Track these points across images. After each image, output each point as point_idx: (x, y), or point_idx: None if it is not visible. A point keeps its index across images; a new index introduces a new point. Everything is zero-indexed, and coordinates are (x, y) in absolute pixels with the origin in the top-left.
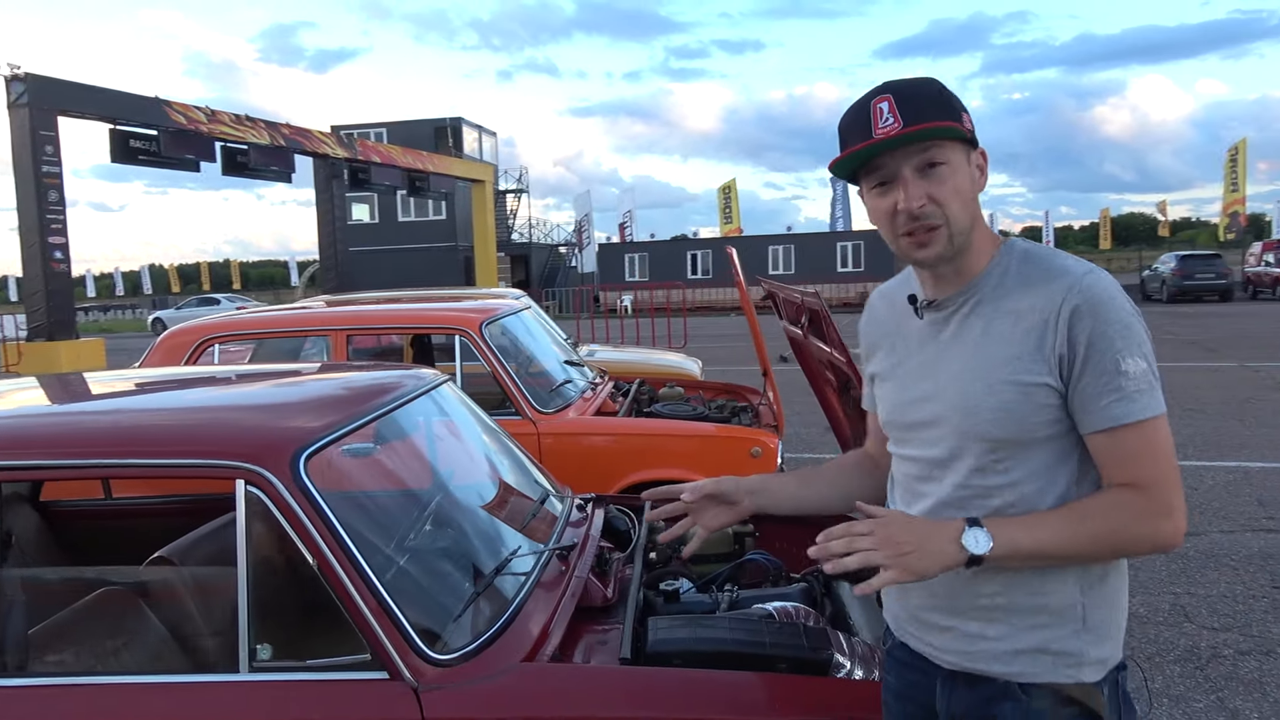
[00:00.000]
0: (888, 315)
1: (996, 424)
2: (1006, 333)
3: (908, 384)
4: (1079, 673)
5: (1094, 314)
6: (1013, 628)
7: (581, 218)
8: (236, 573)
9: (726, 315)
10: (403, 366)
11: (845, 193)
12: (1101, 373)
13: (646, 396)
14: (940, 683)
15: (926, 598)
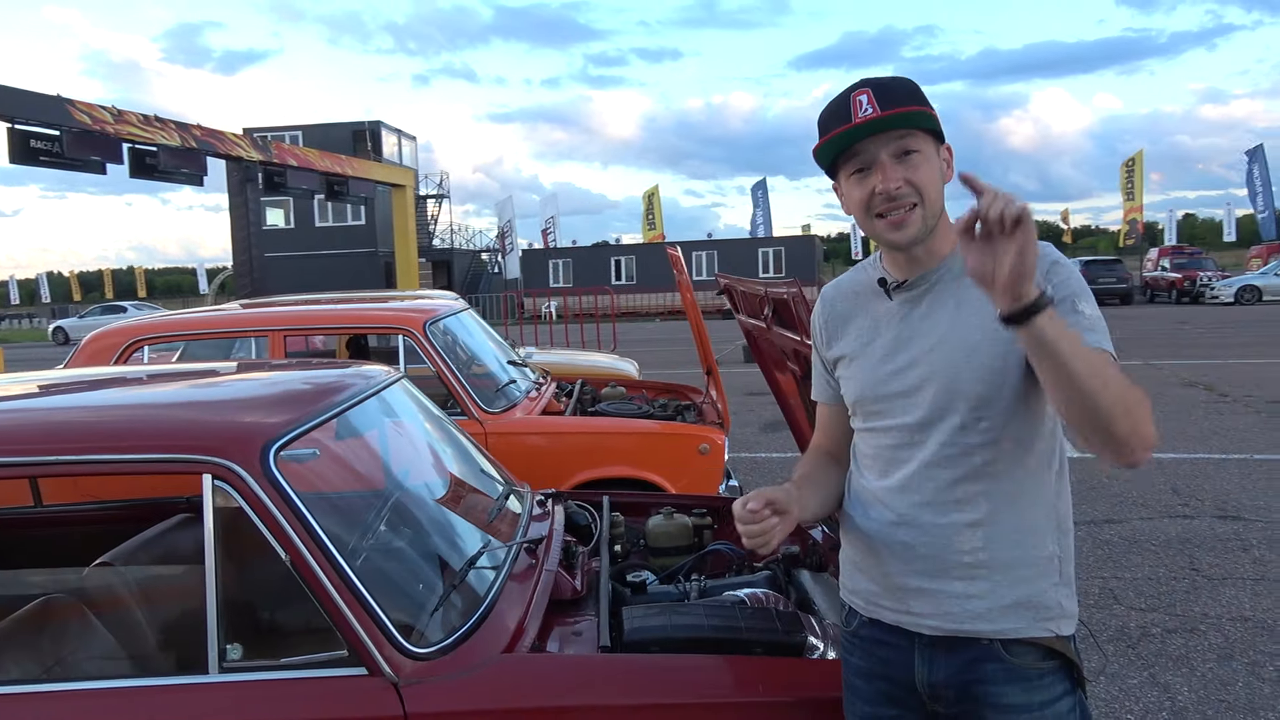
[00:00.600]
0: (848, 303)
1: (980, 381)
2: (980, 299)
3: (883, 358)
4: (1056, 626)
5: (1059, 270)
6: (995, 584)
7: (504, 224)
8: (205, 570)
9: (652, 320)
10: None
11: (766, 200)
12: (1065, 312)
13: (589, 397)
14: (919, 653)
15: (905, 563)
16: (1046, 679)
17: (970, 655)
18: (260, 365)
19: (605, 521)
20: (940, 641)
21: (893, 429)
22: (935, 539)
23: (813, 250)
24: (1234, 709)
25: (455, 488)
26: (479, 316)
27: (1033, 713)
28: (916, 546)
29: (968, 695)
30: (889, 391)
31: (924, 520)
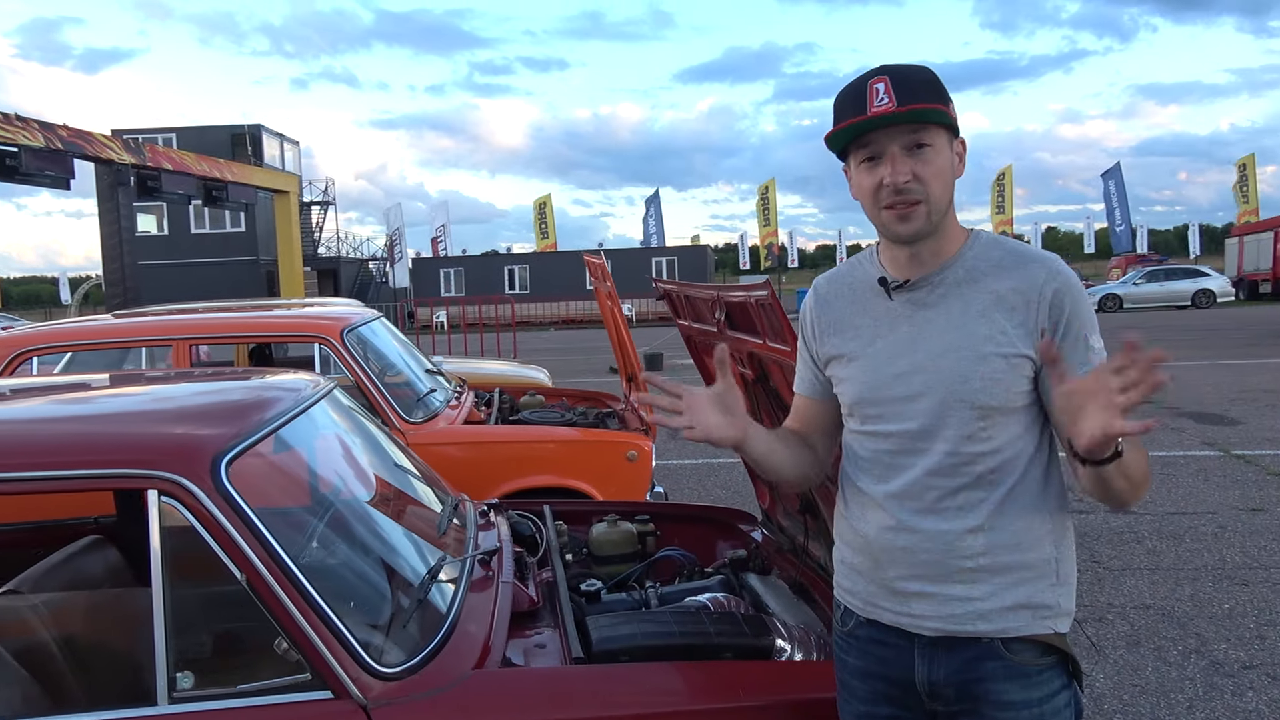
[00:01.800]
0: (843, 299)
1: (985, 392)
2: (989, 310)
3: (885, 361)
4: (1055, 624)
5: (1072, 296)
6: (996, 586)
7: (393, 232)
8: (151, 593)
9: (546, 330)
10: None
11: (659, 210)
12: (1076, 347)
13: (508, 405)
14: (918, 653)
15: (906, 568)
16: (1045, 674)
17: (970, 654)
18: (187, 375)
19: (551, 530)
20: (940, 641)
21: (893, 434)
22: (937, 544)
23: (705, 260)
24: (1146, 692)
25: (401, 499)
26: (391, 325)
27: (1032, 708)
28: (918, 552)
29: (968, 694)
30: (890, 396)
31: (925, 526)
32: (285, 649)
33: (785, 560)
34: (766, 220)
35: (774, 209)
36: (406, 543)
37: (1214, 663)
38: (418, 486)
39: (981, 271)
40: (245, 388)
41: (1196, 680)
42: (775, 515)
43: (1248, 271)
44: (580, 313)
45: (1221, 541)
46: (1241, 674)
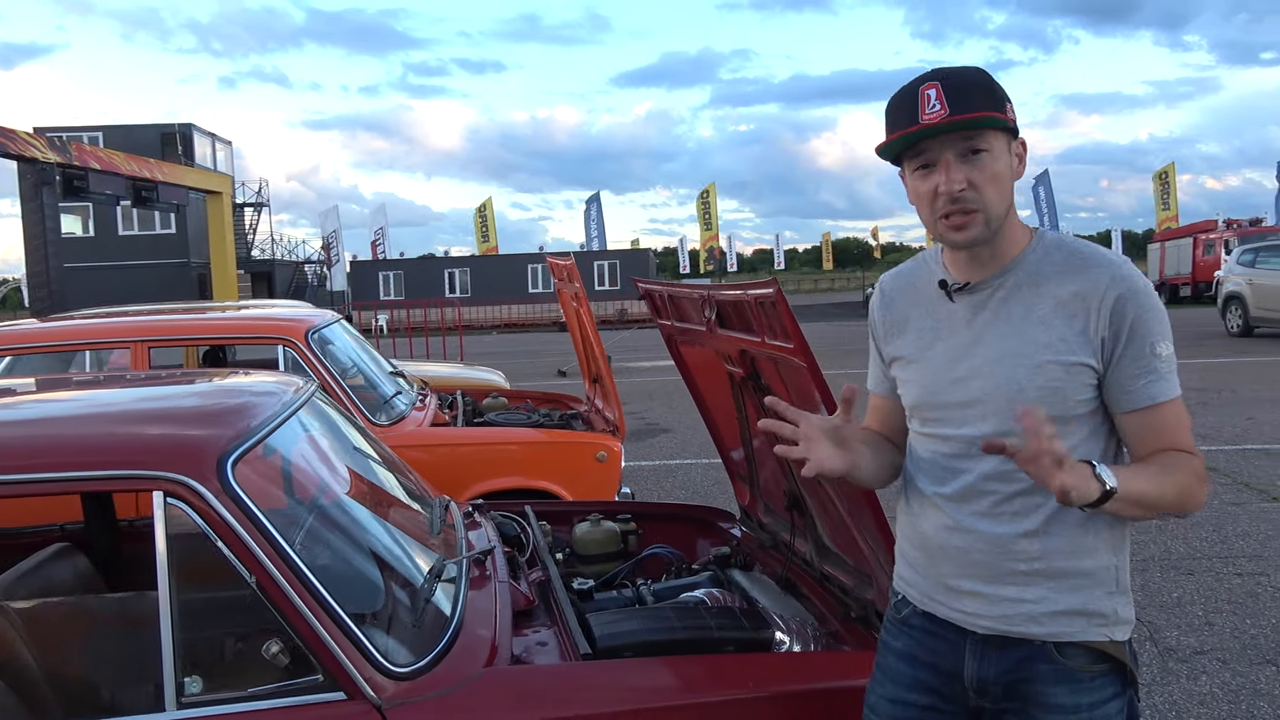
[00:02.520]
0: (907, 299)
1: (1043, 401)
2: (1049, 316)
3: (944, 365)
4: (1111, 631)
5: (1136, 302)
6: (1051, 590)
7: (329, 234)
8: (158, 597)
9: (488, 333)
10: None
11: (600, 213)
12: (1139, 355)
13: (470, 408)
14: (970, 648)
15: (961, 567)
16: (1097, 681)
17: (1021, 654)
18: (172, 377)
19: (538, 530)
20: (992, 640)
21: (951, 438)
22: (992, 547)
23: (646, 263)
24: None
25: (393, 500)
26: (350, 327)
27: (1080, 714)
28: (972, 553)
29: (1015, 693)
30: (949, 400)
31: (981, 529)
32: (275, 652)
33: (769, 556)
34: (708, 224)
35: (715, 213)
36: (405, 543)
37: (1168, 649)
38: (406, 487)
39: (1044, 275)
40: (236, 388)
41: (1153, 666)
42: (755, 512)
43: (1169, 275)
44: (523, 316)
45: (1165, 534)
46: (1194, 659)
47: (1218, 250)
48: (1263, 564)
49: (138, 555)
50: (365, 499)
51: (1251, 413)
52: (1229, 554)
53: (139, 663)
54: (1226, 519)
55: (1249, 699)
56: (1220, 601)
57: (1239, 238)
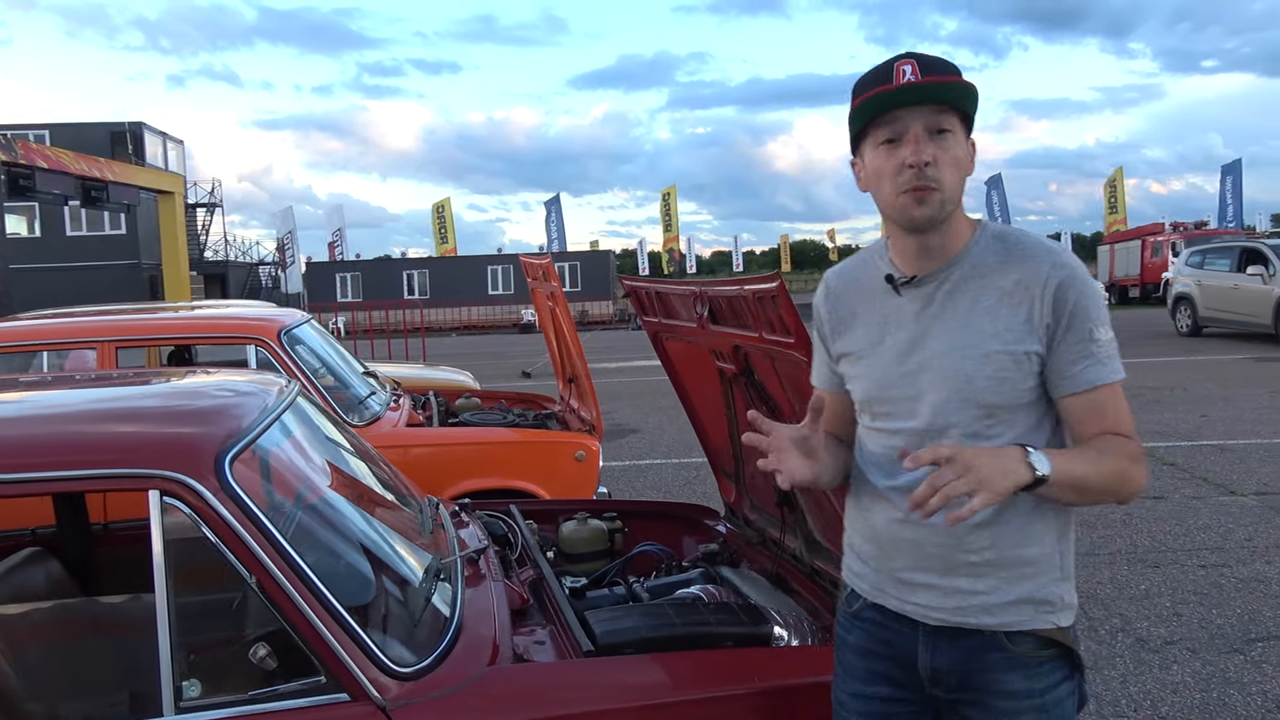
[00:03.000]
0: (853, 294)
1: (991, 390)
2: (995, 307)
3: (893, 360)
4: (1057, 618)
5: (1076, 288)
6: (1001, 580)
7: (284, 235)
8: (155, 599)
9: (448, 335)
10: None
11: (560, 215)
12: (1079, 340)
13: (443, 408)
14: (922, 639)
15: (914, 559)
16: (1046, 666)
17: (974, 645)
18: (157, 375)
19: (526, 529)
20: (944, 631)
21: (902, 431)
22: (944, 539)
23: (607, 265)
24: None
25: (383, 498)
26: (320, 327)
27: (1034, 699)
28: (925, 545)
29: (969, 683)
30: (900, 394)
31: (933, 521)
32: (262, 656)
33: (756, 553)
34: (668, 226)
35: (675, 215)
36: (401, 542)
37: (1139, 640)
38: (393, 486)
39: (988, 266)
40: (222, 386)
41: (1126, 656)
42: (741, 509)
43: (1119, 277)
44: (482, 318)
45: (1130, 528)
46: (1165, 649)
47: (1165, 252)
48: (1224, 556)
49: (112, 559)
50: (357, 498)
51: (1204, 410)
52: (1192, 546)
53: (130, 668)
54: (1188, 513)
55: (1219, 687)
56: (1186, 593)
57: (1185, 240)
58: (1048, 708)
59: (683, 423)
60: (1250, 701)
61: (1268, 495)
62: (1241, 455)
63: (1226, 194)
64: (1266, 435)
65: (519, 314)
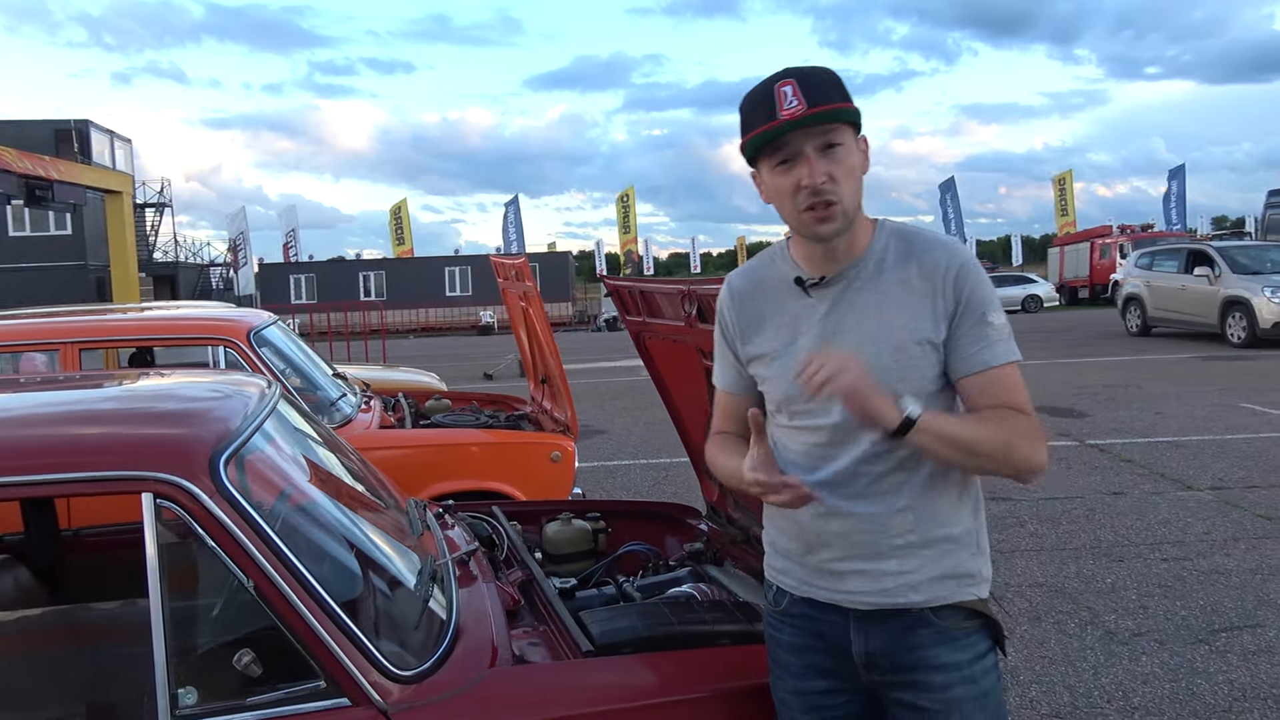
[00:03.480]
0: (758, 297)
1: (901, 380)
2: (902, 300)
3: (807, 359)
4: (977, 589)
5: (971, 276)
6: (925, 559)
7: (236, 236)
8: (149, 605)
9: (405, 337)
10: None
11: (518, 217)
12: (974, 324)
13: (414, 410)
14: (854, 626)
15: (843, 550)
16: (972, 638)
17: (903, 624)
18: (138, 375)
19: (512, 531)
20: (874, 615)
21: (822, 428)
22: (871, 526)
23: (566, 266)
24: (1055, 663)
25: (370, 500)
26: (287, 328)
27: (962, 670)
28: (853, 535)
29: (901, 663)
30: None
31: (859, 510)
32: (246, 663)
33: (741, 551)
34: (626, 228)
35: (634, 216)
36: (393, 544)
37: (1108, 632)
38: (379, 488)
39: (891, 262)
40: (208, 387)
41: (1096, 649)
42: (725, 508)
43: (1069, 278)
44: (441, 320)
45: (1093, 523)
46: (1134, 641)
47: (1113, 254)
48: (1185, 549)
49: (82, 566)
50: (346, 500)
51: (1158, 407)
52: (1154, 540)
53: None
54: (1148, 508)
55: (1187, 677)
56: (1151, 586)
57: (1132, 242)
58: (975, 678)
59: (648, 423)
60: (1218, 691)
61: (1222, 490)
62: (1195, 451)
63: (1172, 197)
64: (1218, 432)
65: (477, 316)
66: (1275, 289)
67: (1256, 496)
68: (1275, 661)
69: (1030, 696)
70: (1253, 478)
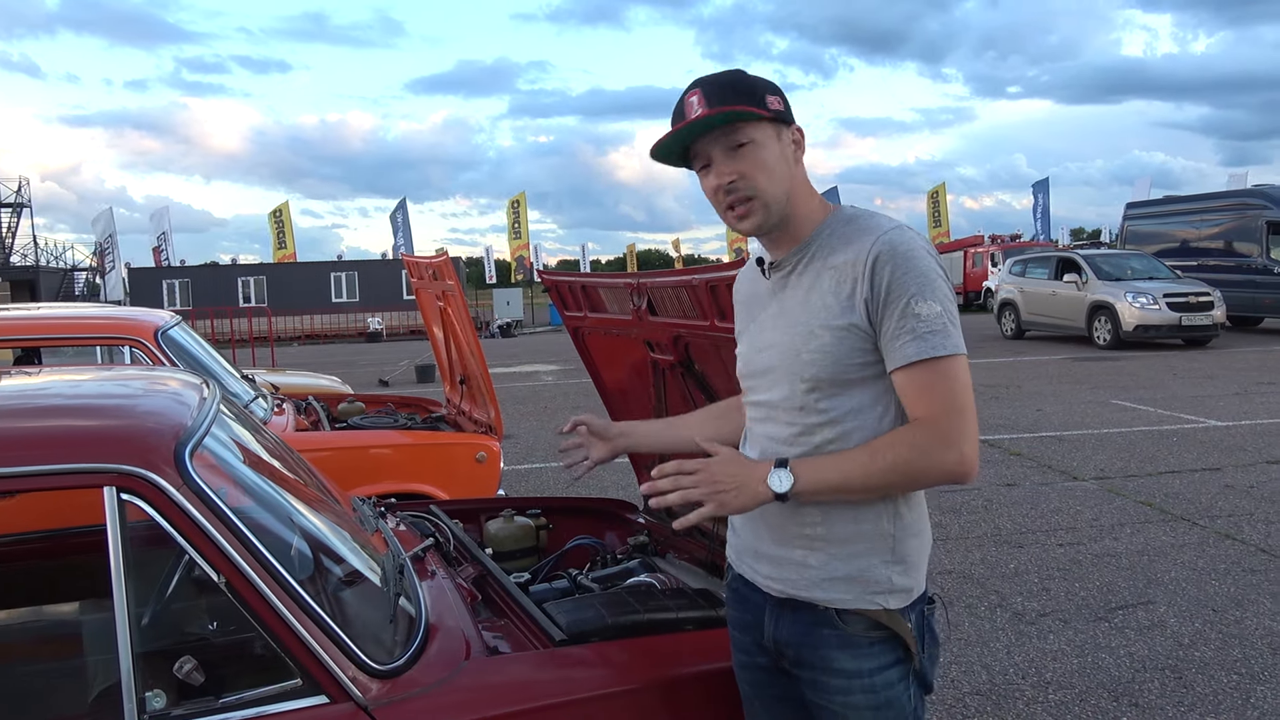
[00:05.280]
0: (747, 280)
1: (814, 364)
2: (827, 285)
3: (756, 337)
4: (886, 600)
5: (892, 262)
6: (831, 556)
7: (103, 239)
8: (114, 604)
9: (290, 345)
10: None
11: (406, 222)
12: (897, 315)
13: (326, 413)
14: (769, 611)
15: (761, 530)
16: (876, 648)
17: (809, 619)
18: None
19: (456, 528)
20: (786, 603)
21: (759, 404)
22: (781, 510)
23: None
24: (971, 643)
25: (321, 497)
26: (190, 330)
27: (862, 679)
28: (767, 515)
29: (803, 658)
30: (756, 369)
31: None
32: (188, 670)
33: (683, 543)
34: (517, 234)
35: (525, 222)
36: (354, 540)
37: (1016, 614)
38: (325, 486)
39: (831, 248)
40: (155, 381)
41: (1006, 630)
42: None
43: None
44: (326, 327)
45: (991, 512)
46: (1040, 621)
47: (984, 263)
48: (1077, 535)
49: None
50: (303, 496)
51: (1039, 405)
52: (1048, 528)
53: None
54: (1040, 498)
55: (1092, 652)
56: (1051, 569)
57: (1003, 251)
58: (877, 689)
59: (556, 427)
60: (1120, 663)
61: (1105, 479)
62: (1077, 444)
63: (1037, 209)
64: (1095, 426)
65: (365, 322)
66: (1136, 294)
67: (1136, 485)
68: (1168, 635)
69: (951, 677)
70: (1130, 468)
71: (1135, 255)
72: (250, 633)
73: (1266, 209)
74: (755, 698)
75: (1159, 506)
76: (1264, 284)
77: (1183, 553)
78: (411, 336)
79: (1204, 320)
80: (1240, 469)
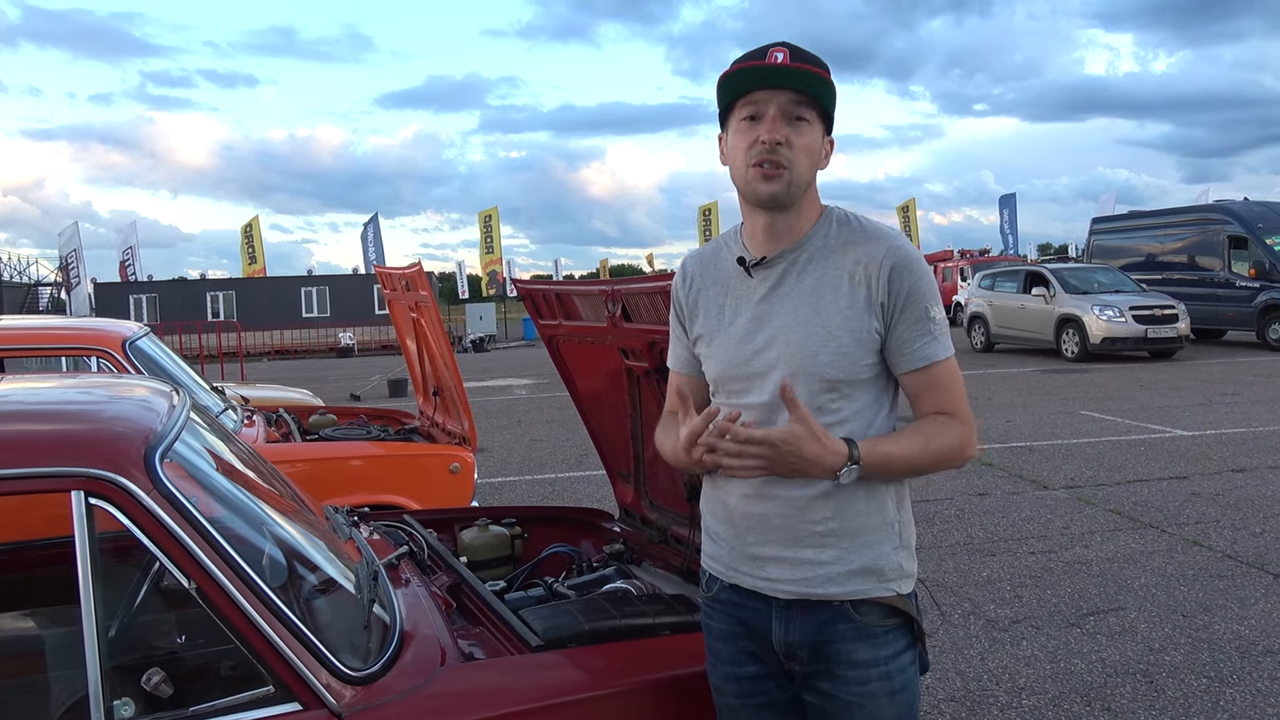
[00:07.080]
0: (706, 278)
1: (833, 366)
2: (838, 286)
3: (743, 338)
4: (898, 586)
5: (910, 270)
6: (844, 550)
7: (68, 254)
8: (80, 612)
9: (260, 360)
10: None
11: (378, 237)
12: (916, 319)
13: (298, 425)
14: (775, 615)
15: (764, 533)
16: (890, 635)
17: (823, 617)
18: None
19: (431, 537)
20: (795, 604)
21: (754, 406)
22: (789, 510)
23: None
24: (946, 650)
25: (293, 505)
26: (159, 341)
27: (879, 667)
28: (772, 518)
29: (820, 654)
30: (750, 371)
31: (780, 493)
32: (156, 683)
33: (659, 550)
34: (489, 248)
35: (497, 237)
36: (328, 548)
37: (989, 621)
38: (297, 494)
39: (832, 248)
40: (121, 386)
41: (980, 636)
42: (640, 509)
43: None
44: (296, 342)
45: (964, 521)
46: (1013, 627)
47: (954, 277)
48: (1048, 543)
49: None
50: (275, 503)
51: (1009, 416)
52: (1020, 536)
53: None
54: (1011, 507)
55: (1065, 658)
56: (1023, 577)
57: (972, 266)
58: (892, 675)
59: (531, 440)
60: (1092, 669)
61: (1075, 488)
62: (1047, 454)
63: (1005, 224)
64: (1064, 436)
65: (336, 338)
66: (1103, 307)
67: (1105, 494)
68: (1138, 640)
69: (926, 684)
70: (1100, 477)
71: (1101, 269)
72: (222, 641)
73: (1228, 224)
74: (742, 707)
75: (1128, 514)
76: (1226, 297)
77: (1152, 559)
78: (383, 352)
79: (1169, 333)
80: (1206, 477)
